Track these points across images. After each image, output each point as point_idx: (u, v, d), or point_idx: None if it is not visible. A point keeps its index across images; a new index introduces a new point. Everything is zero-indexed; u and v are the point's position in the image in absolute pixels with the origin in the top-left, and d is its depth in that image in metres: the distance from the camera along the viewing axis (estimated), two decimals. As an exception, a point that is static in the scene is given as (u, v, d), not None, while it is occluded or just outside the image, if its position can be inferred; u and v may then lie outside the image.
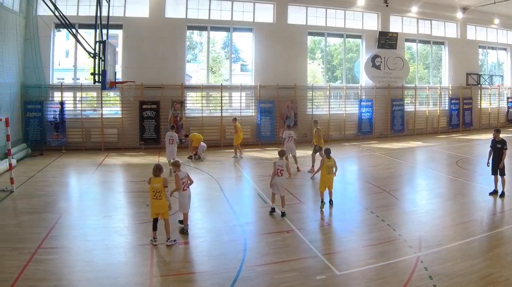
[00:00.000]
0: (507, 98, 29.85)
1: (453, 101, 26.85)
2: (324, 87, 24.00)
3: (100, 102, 19.70)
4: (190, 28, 21.58)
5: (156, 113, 19.72)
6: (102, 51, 13.14)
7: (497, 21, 27.38)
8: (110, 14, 15.41)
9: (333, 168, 10.59)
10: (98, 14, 13.54)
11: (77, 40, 13.34)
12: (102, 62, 13.15)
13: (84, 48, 13.21)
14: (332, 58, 26.29)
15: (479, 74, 28.06)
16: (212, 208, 10.66)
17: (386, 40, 24.44)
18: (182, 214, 8.86)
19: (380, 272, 7.06)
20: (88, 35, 15.58)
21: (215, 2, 21.31)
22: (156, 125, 19.71)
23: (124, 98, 18.96)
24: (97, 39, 13.31)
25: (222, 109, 21.20)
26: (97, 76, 13.13)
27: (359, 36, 24.66)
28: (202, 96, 21.65)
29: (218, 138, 20.81)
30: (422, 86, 26.74)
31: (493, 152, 11.57)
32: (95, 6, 13.57)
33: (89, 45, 13.26)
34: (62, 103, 18.79)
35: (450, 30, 27.20)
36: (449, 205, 10.98)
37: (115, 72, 15.92)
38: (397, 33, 24.73)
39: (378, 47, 24.35)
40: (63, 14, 13.23)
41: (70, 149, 18.81)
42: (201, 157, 17.32)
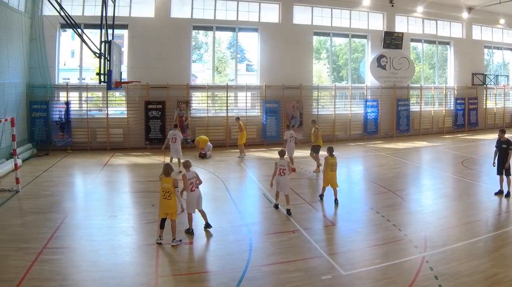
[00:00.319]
0: (513, 98, 29.73)
1: (458, 101, 26.72)
2: (329, 87, 23.96)
3: (105, 102, 19.73)
4: (195, 28, 21.59)
5: (161, 113, 19.74)
6: (107, 51, 13.18)
7: (502, 21, 27.29)
8: (116, 14, 15.45)
9: (336, 166, 10.85)
10: (104, 14, 13.59)
11: (82, 40, 13.41)
12: (108, 62, 13.19)
13: (89, 48, 13.26)
14: (337, 58, 26.23)
15: (485, 74, 27.93)
16: (217, 208, 10.66)
17: (392, 40, 24.37)
18: (187, 213, 8.86)
19: (385, 272, 7.04)
20: (93, 35, 15.68)
21: (221, 2, 21.32)
22: (161, 125, 19.72)
23: (129, 98, 19.07)
24: (102, 39, 13.35)
25: (227, 109, 21.22)
26: (102, 76, 13.16)
27: (365, 36, 24.60)
28: (207, 96, 21.65)
29: (223, 139, 20.81)
30: (427, 86, 26.65)
31: (498, 152, 11.53)
32: (101, 6, 13.61)
33: (94, 45, 13.31)
34: (67, 103, 18.85)
35: (455, 30, 27.09)
36: (454, 205, 10.95)
37: (121, 72, 16.01)
38: (402, 33, 24.65)
39: (384, 47, 24.29)
40: (69, 14, 13.25)
41: (75, 149, 18.86)
42: (207, 155, 17.66)
